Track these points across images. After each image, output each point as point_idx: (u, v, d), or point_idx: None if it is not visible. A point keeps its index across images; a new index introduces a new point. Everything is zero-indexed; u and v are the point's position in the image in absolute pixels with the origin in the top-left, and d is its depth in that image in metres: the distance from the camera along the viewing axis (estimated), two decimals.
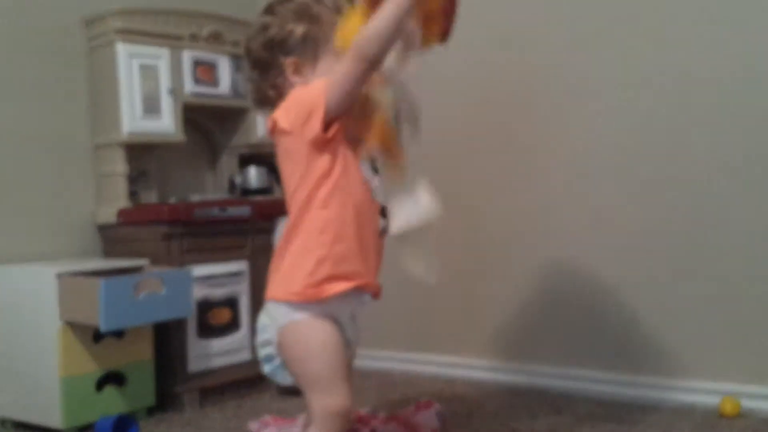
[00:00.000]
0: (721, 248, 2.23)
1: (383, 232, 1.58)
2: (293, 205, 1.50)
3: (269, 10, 1.60)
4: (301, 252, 1.47)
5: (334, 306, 1.50)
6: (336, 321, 1.51)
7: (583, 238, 2.45)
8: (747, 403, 2.16)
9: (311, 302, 1.46)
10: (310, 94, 1.47)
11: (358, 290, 1.51)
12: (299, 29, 1.54)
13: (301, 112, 1.46)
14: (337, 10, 1.56)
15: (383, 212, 1.57)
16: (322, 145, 1.46)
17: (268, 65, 1.58)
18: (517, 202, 2.58)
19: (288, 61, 1.55)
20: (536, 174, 2.54)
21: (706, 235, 2.25)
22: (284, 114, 1.49)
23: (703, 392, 2.24)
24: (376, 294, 1.58)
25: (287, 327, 1.47)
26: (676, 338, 2.31)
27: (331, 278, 1.46)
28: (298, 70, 1.55)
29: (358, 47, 1.40)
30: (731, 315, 2.22)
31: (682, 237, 2.28)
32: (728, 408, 2.14)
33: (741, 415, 2.14)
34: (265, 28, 1.58)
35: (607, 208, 2.40)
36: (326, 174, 1.47)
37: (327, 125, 1.45)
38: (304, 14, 1.55)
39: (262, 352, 1.56)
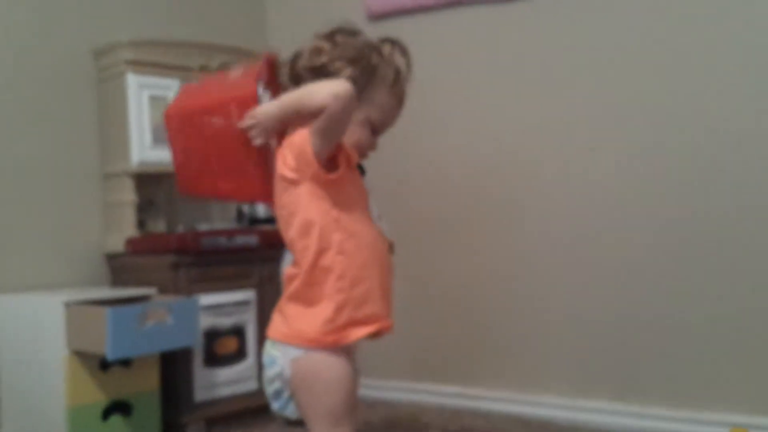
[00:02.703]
0: (729, 279, 2.23)
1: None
2: (301, 250, 1.46)
3: (330, 37, 1.53)
4: (318, 299, 1.43)
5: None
6: (349, 353, 1.49)
7: (592, 270, 2.45)
8: None
9: (329, 348, 1.44)
10: (299, 136, 1.45)
11: (374, 334, 1.49)
12: (347, 72, 1.48)
13: (294, 152, 1.44)
14: (397, 73, 1.53)
15: (392, 249, 1.56)
16: (324, 185, 1.44)
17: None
18: (523, 233, 2.58)
19: None
20: (540, 205, 2.55)
21: (713, 266, 2.25)
22: (284, 159, 1.47)
23: (711, 424, 2.22)
24: (386, 333, 1.55)
25: (300, 359, 1.44)
26: (683, 369, 2.30)
27: (353, 323, 1.43)
28: None
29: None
30: (740, 346, 2.21)
31: (690, 268, 2.28)
32: None
33: None
34: (318, 52, 1.51)
35: (614, 238, 2.41)
36: (337, 217, 1.44)
37: (328, 166, 1.44)
38: (361, 59, 1.50)
39: (270, 389, 1.51)
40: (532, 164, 2.56)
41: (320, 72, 1.49)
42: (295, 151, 1.45)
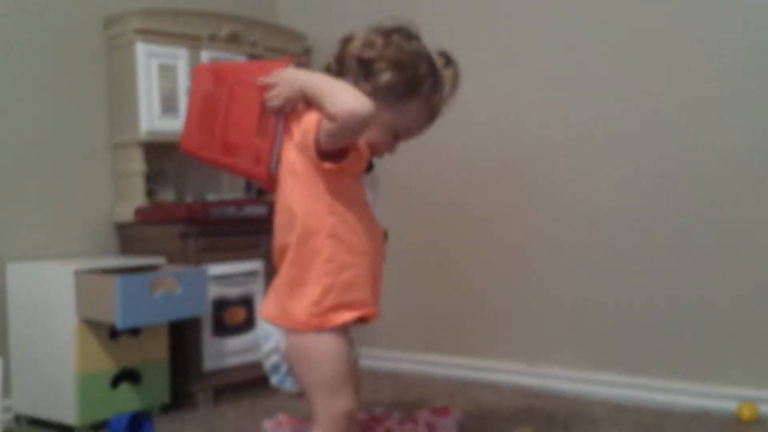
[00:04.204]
0: (740, 252, 2.21)
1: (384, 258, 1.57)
2: (284, 223, 1.47)
3: (387, 33, 1.50)
4: (305, 281, 1.45)
5: None
6: (342, 327, 1.49)
7: (601, 242, 2.44)
8: (765, 409, 2.14)
9: (314, 330, 1.45)
10: (309, 119, 1.44)
11: (360, 319, 1.49)
12: (387, 75, 1.46)
13: (301, 130, 1.44)
14: (441, 93, 1.52)
15: (386, 237, 1.56)
16: (322, 170, 1.43)
17: (343, 71, 1.50)
18: (535, 205, 2.57)
19: (361, 87, 1.45)
20: (552, 181, 2.53)
21: (725, 239, 2.23)
22: (291, 132, 1.46)
23: (720, 397, 2.22)
24: (373, 320, 1.55)
25: (292, 335, 1.46)
26: (692, 342, 2.29)
27: (338, 307, 1.44)
28: None
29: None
30: (749, 320, 2.20)
31: (701, 241, 2.27)
32: (746, 413, 2.12)
33: (759, 420, 2.12)
34: (369, 45, 1.48)
35: (627, 211, 2.39)
36: (331, 202, 1.43)
37: (328, 156, 1.43)
38: (408, 68, 1.47)
39: (268, 363, 1.53)
40: (543, 138, 2.54)
41: (364, 65, 1.48)
42: (301, 130, 1.44)
